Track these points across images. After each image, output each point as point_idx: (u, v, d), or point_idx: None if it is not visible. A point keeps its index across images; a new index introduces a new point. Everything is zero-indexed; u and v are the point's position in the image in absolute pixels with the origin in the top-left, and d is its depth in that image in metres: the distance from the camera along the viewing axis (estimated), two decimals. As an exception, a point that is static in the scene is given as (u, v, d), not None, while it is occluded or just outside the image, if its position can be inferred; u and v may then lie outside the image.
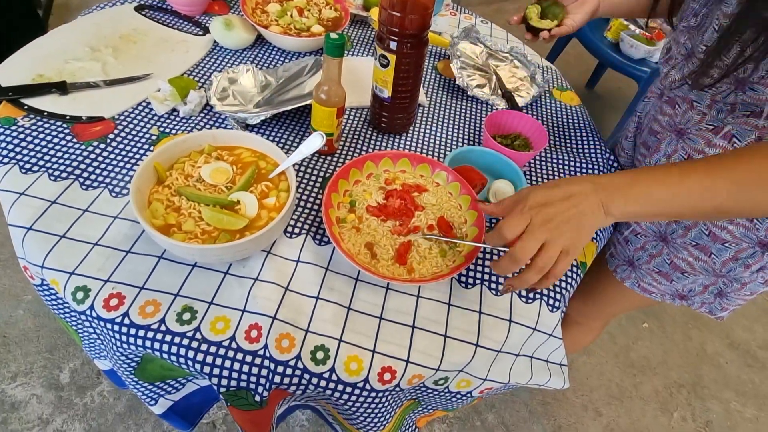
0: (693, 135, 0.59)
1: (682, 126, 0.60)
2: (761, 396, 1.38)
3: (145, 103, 0.71)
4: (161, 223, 0.51)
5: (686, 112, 0.59)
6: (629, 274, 0.72)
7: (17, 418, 1.04)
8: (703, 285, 0.66)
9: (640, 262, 0.70)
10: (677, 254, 0.64)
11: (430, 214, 0.61)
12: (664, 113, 0.63)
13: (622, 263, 0.73)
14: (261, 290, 0.52)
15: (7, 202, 0.55)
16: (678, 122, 0.61)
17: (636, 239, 0.69)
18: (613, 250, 0.74)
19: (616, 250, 0.74)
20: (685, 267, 0.65)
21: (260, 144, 0.60)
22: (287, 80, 0.78)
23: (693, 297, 0.68)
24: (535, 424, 1.22)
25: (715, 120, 0.56)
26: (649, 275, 0.70)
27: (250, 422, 0.54)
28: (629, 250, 0.71)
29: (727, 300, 0.66)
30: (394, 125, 0.75)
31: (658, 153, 0.64)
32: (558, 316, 0.59)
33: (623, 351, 1.42)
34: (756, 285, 0.63)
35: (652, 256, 0.68)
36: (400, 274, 0.55)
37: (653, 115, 0.67)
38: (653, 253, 0.67)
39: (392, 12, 0.60)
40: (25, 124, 0.63)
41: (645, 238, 0.68)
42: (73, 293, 0.49)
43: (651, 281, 0.70)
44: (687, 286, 0.67)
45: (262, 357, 0.48)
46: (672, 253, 0.65)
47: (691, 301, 0.69)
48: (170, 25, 0.87)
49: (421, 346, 0.52)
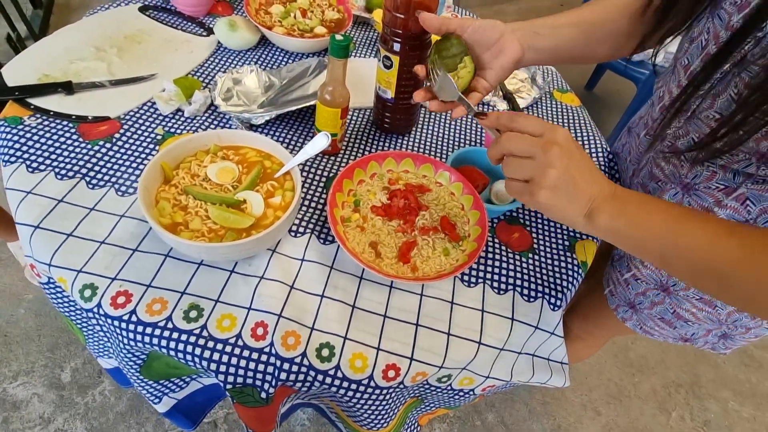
0: (701, 192, 0.52)
1: (688, 181, 0.54)
2: (759, 395, 1.39)
3: (151, 103, 0.71)
4: (168, 221, 0.51)
5: (694, 167, 0.53)
6: (631, 316, 0.69)
7: (18, 417, 1.04)
8: (707, 329, 0.62)
9: (642, 307, 0.66)
10: (680, 305, 0.60)
11: (434, 213, 0.62)
12: (668, 161, 0.57)
13: (623, 304, 0.69)
14: (267, 288, 0.53)
15: (15, 201, 0.56)
16: (684, 175, 0.54)
17: (636, 284, 0.65)
18: (614, 289, 0.71)
19: (617, 290, 0.70)
20: (688, 317, 0.61)
21: (265, 144, 0.60)
22: (291, 81, 0.79)
23: (697, 339, 0.65)
24: (534, 423, 1.22)
25: (729, 181, 0.49)
26: (651, 320, 0.66)
27: (256, 419, 0.54)
28: (630, 294, 0.67)
29: (731, 341, 0.63)
30: (397, 126, 0.76)
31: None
32: (559, 314, 0.60)
33: (622, 351, 1.43)
34: (762, 330, 0.59)
35: (653, 303, 0.64)
36: (404, 273, 0.55)
37: (653, 158, 0.60)
38: (655, 300, 0.63)
39: (396, 14, 0.61)
40: (31, 124, 0.64)
41: (646, 284, 0.63)
42: (81, 291, 0.50)
43: (653, 325, 0.67)
44: (690, 331, 0.64)
45: (268, 354, 0.49)
46: (675, 304, 0.61)
47: (695, 342, 0.66)
48: (174, 25, 0.87)
49: (425, 344, 0.53)
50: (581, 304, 0.84)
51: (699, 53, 0.48)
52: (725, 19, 0.44)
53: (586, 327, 0.85)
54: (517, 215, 0.69)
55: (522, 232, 0.66)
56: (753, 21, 0.40)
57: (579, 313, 0.85)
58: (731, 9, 0.44)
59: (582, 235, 0.68)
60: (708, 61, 0.44)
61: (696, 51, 0.49)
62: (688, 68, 0.50)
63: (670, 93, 0.54)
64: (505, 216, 0.68)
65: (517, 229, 0.67)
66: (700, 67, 0.46)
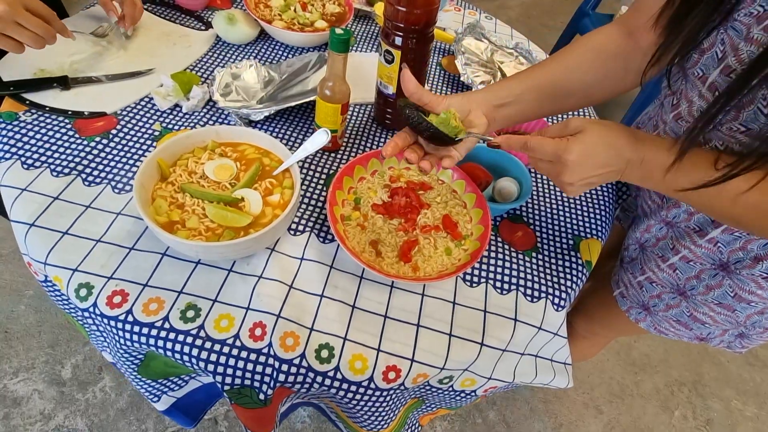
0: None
1: None
2: (762, 394, 1.38)
3: (148, 99, 0.70)
4: (165, 220, 0.51)
5: None
6: (644, 317, 0.68)
7: (19, 413, 1.04)
8: (723, 329, 0.62)
9: (656, 309, 0.65)
10: (697, 309, 0.59)
11: (435, 212, 0.61)
12: None
13: (636, 306, 0.68)
14: (265, 288, 0.52)
15: (10, 198, 0.55)
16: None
17: (651, 287, 0.64)
18: (625, 291, 0.69)
19: (628, 293, 0.68)
20: (706, 320, 0.60)
21: (264, 141, 0.59)
22: (291, 76, 0.77)
23: (713, 339, 0.65)
24: (536, 421, 1.22)
25: None
26: (666, 321, 0.65)
27: (254, 420, 0.54)
28: (644, 296, 0.66)
29: (748, 340, 0.62)
30: (399, 122, 0.75)
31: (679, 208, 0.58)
32: (563, 315, 0.59)
33: (624, 349, 1.42)
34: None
35: (669, 306, 0.63)
36: (405, 273, 0.54)
37: None
38: (671, 303, 0.62)
39: (398, 7, 0.60)
40: (26, 119, 0.63)
41: (662, 288, 0.62)
42: (77, 290, 0.49)
43: (668, 326, 0.65)
44: (706, 331, 0.63)
45: (267, 355, 0.48)
46: (692, 308, 0.60)
47: (710, 341, 0.65)
48: (173, 19, 0.86)
49: (426, 345, 0.52)
50: (586, 304, 0.83)
51: (715, 64, 0.47)
52: (742, 31, 0.43)
53: (590, 327, 0.84)
54: (520, 213, 0.67)
55: (525, 231, 0.65)
56: None
57: (584, 312, 0.84)
58: (747, 20, 0.43)
59: (586, 234, 0.67)
60: (741, 75, 0.42)
61: (711, 62, 0.47)
62: (705, 79, 0.49)
63: (689, 101, 0.52)
64: (508, 214, 0.67)
65: (521, 228, 0.65)
66: (726, 80, 0.46)
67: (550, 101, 0.56)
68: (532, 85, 0.55)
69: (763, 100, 0.43)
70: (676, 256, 0.58)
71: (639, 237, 0.65)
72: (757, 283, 0.52)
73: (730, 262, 0.54)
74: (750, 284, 0.53)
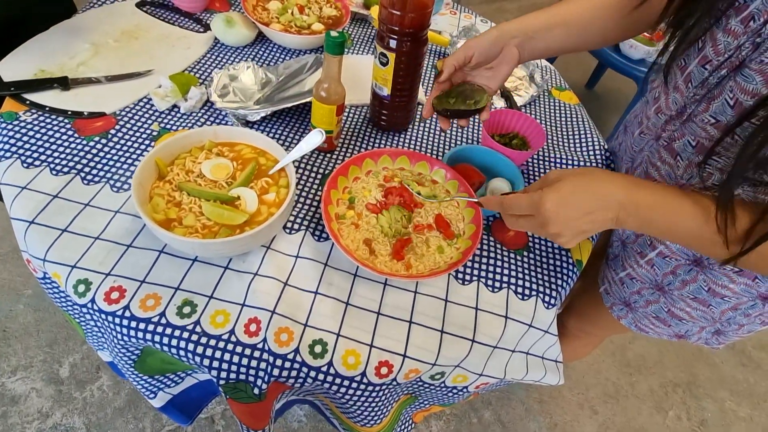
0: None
1: (683, 181, 0.54)
2: (755, 395, 1.39)
3: (146, 99, 0.71)
4: (162, 217, 0.51)
5: (689, 168, 0.53)
6: (626, 314, 0.70)
7: (17, 411, 1.05)
8: (701, 327, 0.64)
9: (637, 305, 0.67)
10: (674, 304, 0.62)
11: (429, 211, 0.62)
12: (663, 161, 0.57)
13: (618, 302, 0.70)
14: (260, 285, 0.53)
15: (10, 196, 0.56)
16: (679, 176, 0.54)
17: (632, 283, 0.66)
18: (609, 287, 0.71)
19: (612, 289, 0.71)
20: (683, 315, 0.62)
21: (260, 140, 0.60)
22: (288, 77, 0.79)
23: (690, 336, 0.67)
24: (531, 421, 1.22)
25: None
26: (646, 318, 0.67)
27: (249, 415, 0.54)
28: (625, 292, 0.68)
29: (724, 337, 0.64)
30: (393, 123, 0.76)
31: None
32: (553, 313, 0.60)
33: (619, 350, 1.43)
34: (754, 326, 0.60)
35: (648, 302, 0.65)
36: (398, 270, 0.55)
37: (649, 157, 0.60)
38: (650, 299, 0.65)
39: (392, 10, 0.61)
40: (27, 119, 0.64)
41: (641, 284, 0.65)
42: (75, 286, 0.50)
43: (648, 323, 0.68)
44: (684, 329, 0.65)
45: (261, 350, 0.49)
46: (669, 303, 0.62)
47: (689, 338, 0.67)
48: (171, 21, 0.87)
49: (418, 341, 0.53)
50: (577, 303, 0.84)
51: (695, 54, 0.48)
52: (722, 22, 0.45)
53: (582, 325, 0.85)
54: (512, 213, 0.68)
55: (517, 231, 0.66)
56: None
57: (575, 311, 0.85)
58: (729, 11, 0.44)
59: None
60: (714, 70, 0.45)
61: (693, 52, 0.49)
62: (685, 69, 0.50)
63: (666, 94, 0.54)
64: (500, 214, 0.68)
65: (513, 227, 0.66)
66: (701, 71, 0.47)
67: (573, 41, 0.61)
68: (564, 20, 0.59)
69: (730, 92, 0.44)
70: (653, 252, 0.60)
71: (621, 233, 0.67)
72: (729, 278, 0.54)
73: (704, 257, 0.55)
74: (723, 278, 0.55)
